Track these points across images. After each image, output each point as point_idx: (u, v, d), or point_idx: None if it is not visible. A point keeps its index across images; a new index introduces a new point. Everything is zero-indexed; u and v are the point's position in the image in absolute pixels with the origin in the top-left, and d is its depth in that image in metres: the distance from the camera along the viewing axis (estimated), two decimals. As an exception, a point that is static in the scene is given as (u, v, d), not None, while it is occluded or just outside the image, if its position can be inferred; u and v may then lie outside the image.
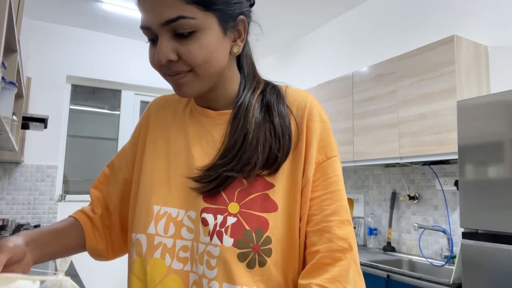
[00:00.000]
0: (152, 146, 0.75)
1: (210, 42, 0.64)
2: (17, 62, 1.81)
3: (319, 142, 0.68)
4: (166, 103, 0.81)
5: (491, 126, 1.62)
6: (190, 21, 0.61)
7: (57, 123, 3.71)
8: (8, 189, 3.50)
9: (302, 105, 0.70)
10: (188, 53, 0.62)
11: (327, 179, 0.67)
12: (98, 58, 4.00)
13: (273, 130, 0.67)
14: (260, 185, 0.66)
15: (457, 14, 2.48)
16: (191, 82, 0.66)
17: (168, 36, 0.62)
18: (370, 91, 2.62)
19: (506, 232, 1.53)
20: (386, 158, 2.46)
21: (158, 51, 0.62)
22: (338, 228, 0.64)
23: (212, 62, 0.65)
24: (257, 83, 0.75)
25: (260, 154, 0.65)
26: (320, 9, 3.41)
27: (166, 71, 0.65)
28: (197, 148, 0.70)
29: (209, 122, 0.72)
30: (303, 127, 0.68)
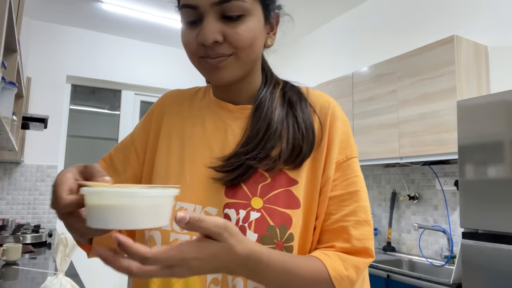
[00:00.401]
0: (166, 140, 0.72)
1: (256, 27, 0.64)
2: (17, 62, 1.81)
3: (340, 143, 0.68)
4: (180, 96, 0.78)
5: (491, 126, 1.62)
6: (241, 4, 0.61)
7: (57, 123, 3.71)
8: (8, 189, 3.50)
9: (325, 105, 0.71)
10: (235, 35, 0.62)
11: (346, 179, 0.67)
12: (98, 58, 4.00)
13: (297, 125, 0.67)
14: (283, 181, 0.65)
15: (457, 14, 2.48)
16: (230, 66, 0.64)
17: (216, 17, 0.61)
18: (370, 91, 2.62)
19: (506, 232, 1.53)
20: (386, 158, 2.46)
21: (205, 31, 0.60)
22: (354, 229, 0.63)
23: (255, 48, 0.65)
24: (276, 81, 0.76)
25: (284, 146, 0.65)
26: (320, 9, 3.41)
27: (208, 52, 0.62)
28: (216, 141, 0.69)
29: (229, 116, 0.71)
30: (326, 126, 0.69)
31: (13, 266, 1.97)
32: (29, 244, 2.59)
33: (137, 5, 3.41)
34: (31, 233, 2.73)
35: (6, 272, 1.84)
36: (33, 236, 2.67)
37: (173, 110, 0.76)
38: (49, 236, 2.93)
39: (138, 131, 0.78)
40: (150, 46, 4.29)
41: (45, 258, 2.28)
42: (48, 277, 1.26)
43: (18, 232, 2.72)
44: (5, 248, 2.01)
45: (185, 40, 0.65)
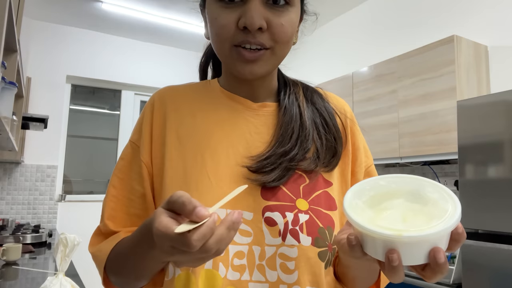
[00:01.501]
0: (175, 142, 0.63)
1: (296, 21, 0.62)
2: (17, 62, 1.81)
3: (364, 148, 0.68)
4: (178, 92, 0.69)
5: (491, 126, 1.62)
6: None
7: (57, 123, 3.71)
8: (8, 189, 3.50)
9: (344, 108, 0.70)
10: (280, 26, 0.57)
11: None
12: (98, 58, 4.00)
13: (326, 125, 0.65)
14: (322, 182, 0.62)
15: (457, 14, 2.48)
16: (265, 61, 0.59)
17: (261, 1, 0.57)
18: (370, 91, 2.62)
19: (506, 232, 1.53)
20: (386, 158, 2.46)
21: (253, 14, 0.55)
22: None
23: (290, 44, 0.62)
24: (293, 81, 0.73)
25: (319, 146, 0.63)
26: (320, 9, 3.40)
27: (248, 40, 0.57)
28: (239, 140, 0.63)
29: (250, 113, 0.65)
30: (348, 129, 0.68)
31: (13, 266, 1.97)
32: (29, 244, 2.59)
33: (137, 5, 3.41)
34: (31, 233, 2.73)
35: (6, 272, 1.84)
36: (33, 236, 2.67)
37: (177, 106, 0.67)
38: (49, 236, 2.93)
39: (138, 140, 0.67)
40: (150, 46, 4.29)
41: (45, 258, 2.28)
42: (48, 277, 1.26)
43: (18, 232, 2.72)
44: (5, 248, 2.01)
45: (221, 22, 0.57)
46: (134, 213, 0.65)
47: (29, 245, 2.55)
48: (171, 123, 0.65)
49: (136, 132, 0.68)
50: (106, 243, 0.63)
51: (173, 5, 3.39)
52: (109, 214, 0.66)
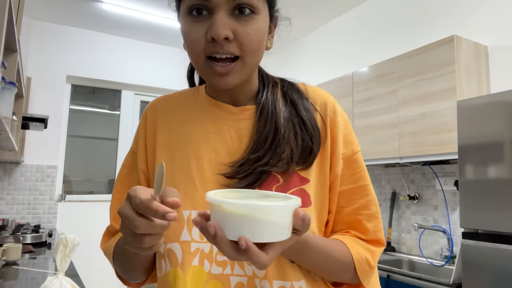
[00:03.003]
0: (165, 148, 0.70)
1: (264, 29, 0.63)
2: (17, 62, 1.81)
3: (343, 138, 0.70)
4: (169, 101, 0.75)
5: (491, 126, 1.62)
6: (255, 1, 0.60)
7: (57, 123, 3.71)
8: (8, 189, 3.50)
9: (324, 102, 0.72)
10: (246, 35, 0.60)
11: (355, 174, 0.69)
12: (98, 58, 4.00)
13: (303, 124, 0.67)
14: (296, 180, 0.65)
15: (457, 14, 2.48)
16: (237, 72, 0.62)
17: (227, 12, 0.60)
18: (370, 91, 2.62)
19: (506, 232, 1.53)
20: (386, 158, 2.46)
21: (218, 25, 0.58)
22: (367, 222, 0.68)
23: (260, 52, 0.64)
24: (273, 80, 0.75)
25: (294, 147, 0.65)
26: (320, 9, 3.41)
27: (217, 50, 0.60)
28: (221, 145, 0.67)
29: (231, 118, 0.69)
30: (328, 122, 0.69)
31: (13, 266, 1.97)
32: (29, 244, 2.59)
33: (137, 5, 3.41)
34: (31, 233, 2.73)
35: (6, 272, 1.84)
36: (33, 236, 2.67)
37: (166, 117, 0.73)
38: (49, 236, 2.93)
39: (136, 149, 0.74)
40: (150, 46, 4.29)
41: (45, 258, 2.28)
42: (48, 277, 1.26)
43: (18, 232, 2.72)
44: (5, 248, 2.01)
45: (192, 36, 0.61)
46: None
47: (29, 245, 2.55)
48: (162, 132, 0.71)
49: (134, 141, 0.76)
50: (113, 240, 0.73)
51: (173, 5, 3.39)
52: (114, 216, 0.74)
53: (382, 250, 0.69)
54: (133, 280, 0.73)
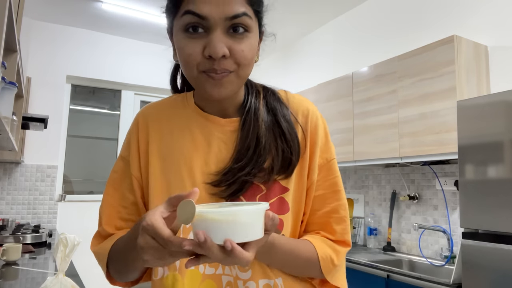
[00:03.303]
0: (157, 158, 0.73)
1: (255, 45, 0.68)
2: (17, 62, 1.81)
3: (321, 147, 0.74)
4: (158, 112, 0.78)
5: (491, 126, 1.62)
6: (248, 20, 0.64)
7: (57, 123, 3.71)
8: (8, 189, 3.50)
9: (305, 113, 0.75)
10: (241, 52, 0.64)
11: (328, 180, 0.75)
12: (98, 58, 4.00)
13: (283, 135, 0.71)
14: (277, 190, 0.71)
15: (457, 14, 2.48)
16: (231, 83, 0.65)
17: (224, 31, 0.63)
18: (370, 91, 2.62)
19: (506, 232, 1.53)
20: (386, 158, 2.46)
21: (215, 43, 0.61)
22: (336, 224, 0.74)
23: (251, 65, 0.68)
24: (256, 88, 0.78)
25: (275, 157, 0.70)
26: (320, 9, 3.41)
27: (214, 67, 0.63)
28: (210, 155, 0.71)
29: (219, 129, 0.73)
30: (308, 134, 0.74)
31: (13, 266, 1.97)
32: (29, 244, 2.59)
33: (137, 5, 3.41)
34: (31, 233, 2.73)
35: (6, 272, 1.84)
36: (33, 236, 2.67)
37: (157, 126, 0.76)
38: (49, 236, 2.93)
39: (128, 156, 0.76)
40: (150, 46, 4.29)
41: (45, 258, 2.28)
42: (48, 277, 1.26)
43: (18, 232, 2.72)
44: (5, 248, 2.01)
45: (188, 52, 0.63)
46: (128, 218, 0.76)
47: (29, 245, 2.55)
48: (153, 141, 0.74)
49: (125, 148, 0.78)
50: (106, 242, 0.73)
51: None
52: (107, 220, 0.76)
53: (347, 250, 0.75)
54: (124, 280, 0.75)
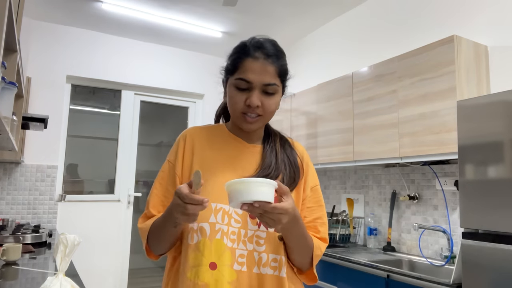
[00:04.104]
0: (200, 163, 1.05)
1: (278, 101, 1.05)
2: (17, 62, 1.81)
3: (311, 176, 1.13)
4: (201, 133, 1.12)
5: (491, 126, 1.62)
6: (276, 87, 1.01)
7: (57, 123, 3.71)
8: (8, 189, 3.50)
9: (302, 153, 1.14)
10: (269, 106, 1.01)
11: (315, 197, 1.11)
12: (98, 58, 4.00)
13: (290, 163, 1.08)
14: None
15: (457, 14, 2.48)
16: (258, 123, 1.03)
17: (261, 91, 1.00)
18: (370, 91, 2.62)
19: (506, 232, 1.53)
20: (386, 158, 2.46)
21: (253, 98, 0.98)
22: (320, 227, 1.09)
23: (274, 113, 1.05)
24: (274, 131, 1.15)
25: (285, 175, 1.04)
26: (320, 9, 3.41)
27: (249, 112, 1.00)
28: (237, 166, 1.05)
29: (245, 150, 1.08)
30: (304, 166, 1.11)
31: (13, 266, 1.97)
32: (29, 244, 2.59)
33: (137, 5, 3.41)
34: (31, 233, 2.73)
35: (6, 272, 1.84)
36: (33, 236, 2.67)
37: (201, 143, 1.09)
38: (49, 236, 2.93)
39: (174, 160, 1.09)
40: (150, 46, 4.29)
41: (45, 258, 2.28)
42: (48, 277, 1.25)
43: (18, 232, 2.72)
44: (5, 248, 2.01)
45: (235, 100, 1.01)
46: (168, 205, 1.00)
47: (29, 245, 2.55)
48: (197, 153, 1.07)
49: (172, 155, 1.10)
50: (150, 221, 1.03)
51: (173, 5, 3.39)
52: (152, 205, 1.06)
53: (326, 245, 1.08)
54: (158, 252, 1.03)
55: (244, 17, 3.59)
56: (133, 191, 4.14)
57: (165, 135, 4.75)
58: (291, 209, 0.85)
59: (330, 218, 2.95)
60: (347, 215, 3.01)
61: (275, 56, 1.01)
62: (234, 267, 0.94)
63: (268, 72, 0.99)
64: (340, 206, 3.28)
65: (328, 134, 2.97)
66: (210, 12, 3.51)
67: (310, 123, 3.18)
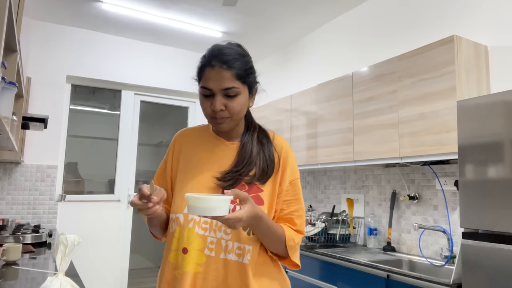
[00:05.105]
0: (185, 161, 1.20)
1: (243, 101, 1.13)
2: (17, 62, 1.81)
3: (290, 169, 1.19)
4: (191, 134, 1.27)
5: (491, 126, 1.62)
6: (236, 89, 1.09)
7: (57, 123, 3.71)
8: (8, 189, 3.50)
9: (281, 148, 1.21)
10: (233, 107, 1.10)
11: (294, 191, 1.19)
12: (98, 58, 4.00)
13: (265, 158, 1.16)
14: (256, 189, 1.13)
15: (457, 14, 2.48)
16: (228, 123, 1.13)
17: (222, 95, 1.09)
18: (370, 91, 2.62)
19: (506, 232, 1.53)
20: (386, 158, 2.46)
21: (216, 103, 1.08)
22: (296, 219, 1.17)
23: (242, 113, 1.14)
24: (254, 126, 1.23)
25: (257, 169, 1.14)
26: (320, 9, 3.41)
27: (216, 116, 1.10)
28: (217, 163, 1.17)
29: (225, 147, 1.20)
30: (281, 161, 1.18)
31: (13, 266, 1.97)
32: (29, 244, 2.59)
33: (137, 5, 3.41)
34: (31, 233, 2.73)
35: (6, 272, 1.84)
36: (33, 236, 2.67)
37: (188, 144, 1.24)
38: (49, 236, 2.93)
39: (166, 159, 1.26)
40: (150, 46, 4.29)
41: (45, 258, 2.28)
42: (48, 277, 1.25)
43: (18, 232, 2.72)
44: (5, 248, 2.01)
45: (203, 107, 1.12)
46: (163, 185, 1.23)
47: (29, 245, 2.55)
48: (183, 152, 1.23)
49: (167, 154, 1.27)
50: None
51: (173, 5, 3.39)
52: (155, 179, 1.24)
53: (302, 237, 1.17)
54: (157, 234, 1.22)
55: (244, 17, 3.59)
56: (133, 191, 4.14)
57: (165, 135, 4.75)
58: (245, 216, 0.94)
59: (330, 218, 2.95)
60: (347, 215, 3.01)
61: (232, 61, 1.08)
62: (205, 252, 1.08)
63: (225, 78, 1.07)
64: (340, 206, 3.28)
65: (328, 134, 2.97)
66: (210, 12, 3.51)
67: (310, 123, 3.18)
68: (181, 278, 1.06)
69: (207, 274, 1.07)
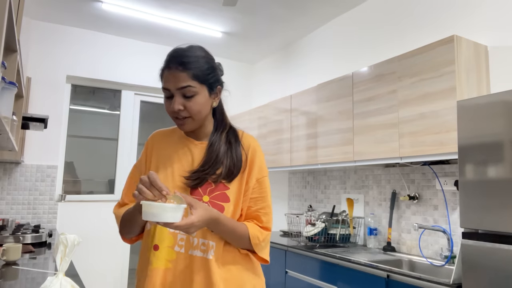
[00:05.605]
0: (156, 161, 1.24)
1: (202, 101, 1.16)
2: (17, 62, 1.81)
3: (258, 168, 1.22)
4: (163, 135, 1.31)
5: (491, 126, 1.62)
6: (192, 89, 1.13)
7: (57, 123, 3.71)
8: (8, 189, 3.50)
9: (248, 146, 1.24)
10: (190, 107, 1.13)
11: (261, 188, 1.22)
12: (98, 58, 4.00)
13: (231, 158, 1.19)
14: (221, 187, 1.17)
15: (457, 14, 2.48)
16: (189, 123, 1.17)
17: (180, 95, 1.13)
18: (370, 91, 2.62)
19: (506, 232, 1.53)
20: (386, 158, 2.46)
21: (174, 104, 1.12)
22: (263, 216, 1.21)
23: (202, 113, 1.17)
24: (225, 125, 1.26)
25: (224, 168, 1.17)
26: (320, 9, 3.41)
27: (176, 115, 1.15)
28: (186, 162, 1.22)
29: (193, 147, 1.24)
30: (248, 159, 1.22)
31: (13, 266, 1.97)
32: (29, 244, 2.59)
33: (137, 5, 3.41)
34: (31, 233, 2.73)
35: (6, 272, 1.84)
36: (33, 236, 2.67)
37: (159, 145, 1.28)
38: (49, 236, 2.93)
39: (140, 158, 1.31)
40: (150, 46, 4.29)
41: (45, 258, 2.28)
42: (48, 277, 1.25)
43: (18, 232, 2.72)
44: (5, 248, 2.01)
45: (165, 107, 1.16)
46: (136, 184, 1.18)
47: (29, 245, 2.55)
48: (156, 151, 1.27)
49: (141, 155, 1.31)
50: (122, 209, 1.23)
51: (173, 5, 3.39)
52: (124, 195, 1.29)
53: (269, 233, 1.21)
54: (128, 236, 1.21)
55: (244, 17, 3.59)
56: (133, 191, 4.13)
57: (165, 135, 4.75)
58: (197, 221, 0.98)
59: (330, 218, 2.95)
60: (347, 215, 3.01)
61: (188, 63, 1.12)
62: (175, 249, 1.13)
63: (180, 78, 1.11)
64: (340, 206, 3.28)
65: (328, 134, 2.97)
66: (210, 12, 3.51)
67: (310, 123, 3.18)
68: (152, 275, 1.11)
69: (176, 270, 1.11)
